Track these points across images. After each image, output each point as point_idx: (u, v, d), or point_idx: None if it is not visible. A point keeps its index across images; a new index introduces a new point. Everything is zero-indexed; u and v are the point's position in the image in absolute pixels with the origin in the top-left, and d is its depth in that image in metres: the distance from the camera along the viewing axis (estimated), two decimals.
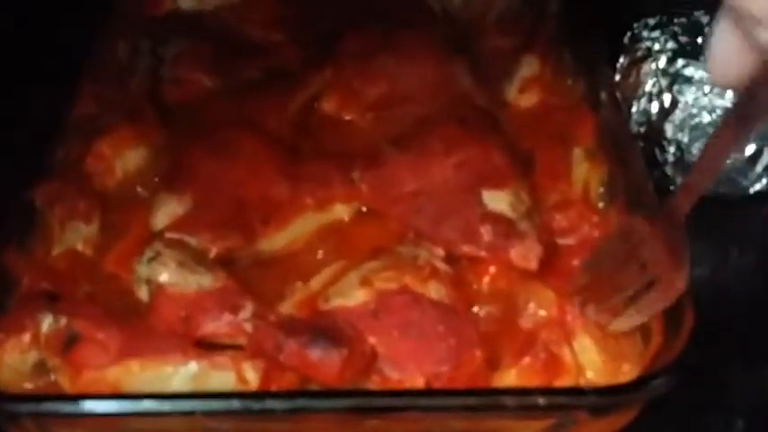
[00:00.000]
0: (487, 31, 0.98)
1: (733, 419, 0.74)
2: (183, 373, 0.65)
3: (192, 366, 0.65)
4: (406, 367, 0.66)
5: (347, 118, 0.89)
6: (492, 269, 0.74)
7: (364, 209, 0.81)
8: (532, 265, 0.73)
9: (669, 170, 0.88)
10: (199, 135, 0.84)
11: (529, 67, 0.92)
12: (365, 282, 0.70)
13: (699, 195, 0.62)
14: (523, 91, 0.91)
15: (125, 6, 1.01)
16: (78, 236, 0.78)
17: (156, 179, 0.82)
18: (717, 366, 0.76)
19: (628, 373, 0.66)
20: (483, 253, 0.75)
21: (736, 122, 0.55)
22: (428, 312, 0.68)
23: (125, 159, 0.84)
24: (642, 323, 0.68)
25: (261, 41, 0.98)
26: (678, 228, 0.64)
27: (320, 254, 0.78)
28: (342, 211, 0.80)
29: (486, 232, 0.75)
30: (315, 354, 0.65)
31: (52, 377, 0.68)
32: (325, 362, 0.65)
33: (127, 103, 0.89)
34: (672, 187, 0.89)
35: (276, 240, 0.78)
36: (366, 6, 0.99)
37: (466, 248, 0.75)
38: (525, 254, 0.74)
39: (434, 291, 0.70)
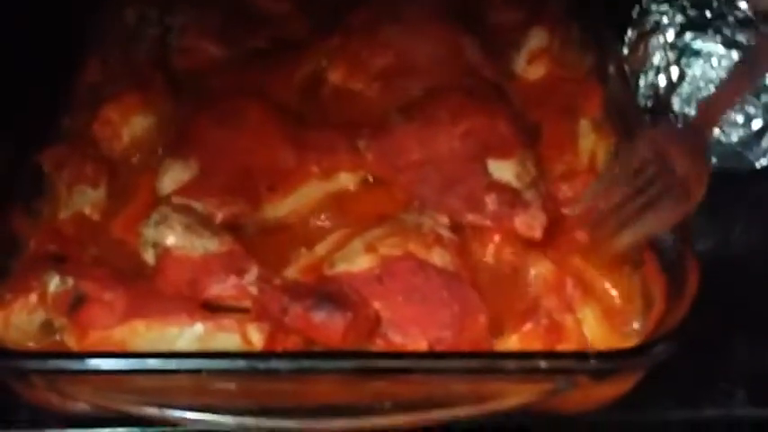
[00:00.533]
0: (495, 4, 0.98)
1: (734, 389, 0.74)
2: (188, 335, 0.66)
3: (198, 328, 0.66)
4: (410, 332, 0.66)
5: (354, 88, 0.89)
6: (496, 238, 0.75)
7: (370, 178, 0.81)
8: (537, 233, 0.74)
9: None
10: (206, 103, 0.84)
11: (537, 39, 0.92)
12: (370, 248, 0.70)
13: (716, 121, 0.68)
14: (531, 63, 0.91)
15: None
16: (85, 200, 0.78)
17: (163, 146, 0.82)
18: (719, 338, 0.76)
19: (629, 339, 0.66)
20: (488, 222, 0.75)
21: (756, 61, 0.57)
22: (432, 278, 0.68)
23: (132, 125, 0.84)
24: (644, 290, 0.68)
25: (268, 11, 0.98)
26: (701, 135, 0.67)
27: (325, 221, 0.78)
28: (347, 180, 0.81)
29: (490, 201, 0.75)
30: (319, 317, 0.65)
31: (58, 337, 0.69)
32: (328, 325, 0.65)
33: (134, 72, 0.89)
34: None
35: (282, 207, 0.78)
36: None
37: (470, 217, 0.75)
38: (530, 222, 0.74)
39: (438, 257, 0.70)
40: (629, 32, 0.94)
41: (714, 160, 0.89)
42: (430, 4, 0.94)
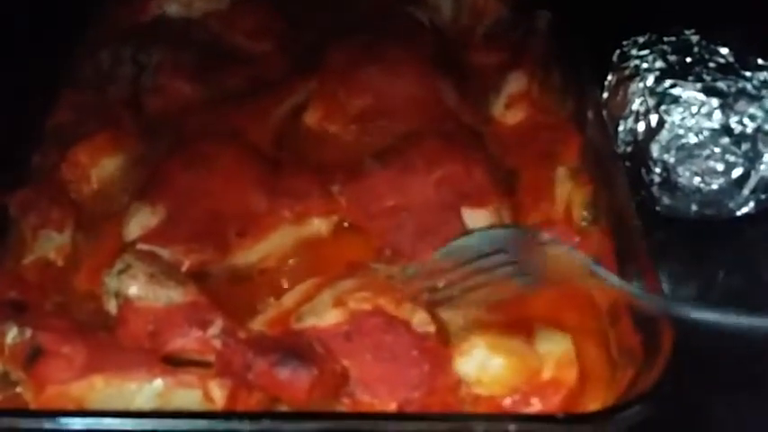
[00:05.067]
0: (476, 46, 0.97)
1: None
2: (147, 390, 0.64)
3: (158, 383, 0.64)
4: (378, 392, 0.65)
5: (330, 130, 0.88)
6: None
7: (346, 224, 0.80)
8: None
9: (655, 191, 0.87)
10: (178, 146, 0.83)
11: (516, 82, 0.91)
12: (338, 302, 0.68)
13: None
14: (510, 107, 0.90)
15: (109, 12, 1.00)
16: (50, 245, 0.76)
17: (131, 189, 0.80)
18: (698, 390, 0.74)
19: (601, 399, 0.65)
20: None
21: None
22: (402, 336, 0.67)
23: (101, 167, 0.82)
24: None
25: (247, 50, 0.97)
26: None
27: (296, 268, 0.76)
28: (320, 225, 0.79)
29: None
30: (284, 373, 0.63)
31: (17, 389, 0.66)
32: (293, 381, 0.63)
33: (106, 111, 0.88)
34: (657, 208, 0.88)
35: (251, 254, 0.77)
36: (354, 18, 0.98)
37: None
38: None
39: (409, 313, 0.68)
40: (609, 77, 0.92)
41: (694, 207, 0.87)
42: (409, 44, 0.93)
